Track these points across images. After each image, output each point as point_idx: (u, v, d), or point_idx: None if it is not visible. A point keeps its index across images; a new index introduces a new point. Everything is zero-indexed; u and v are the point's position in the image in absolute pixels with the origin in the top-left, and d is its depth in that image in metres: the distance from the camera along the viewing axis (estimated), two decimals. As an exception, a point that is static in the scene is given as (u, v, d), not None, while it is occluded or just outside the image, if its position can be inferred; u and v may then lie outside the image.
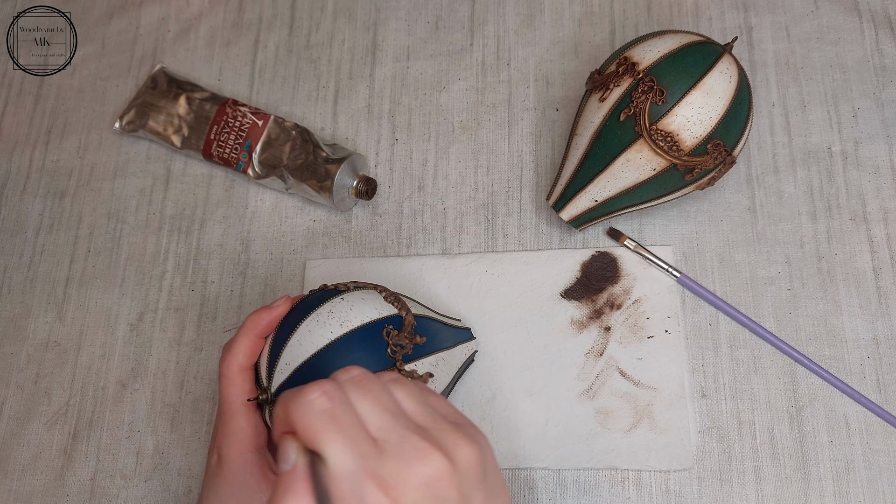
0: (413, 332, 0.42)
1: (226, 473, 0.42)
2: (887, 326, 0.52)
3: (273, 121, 0.59)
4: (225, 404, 0.43)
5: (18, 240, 0.63)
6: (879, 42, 0.59)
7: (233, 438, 0.42)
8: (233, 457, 0.42)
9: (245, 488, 0.42)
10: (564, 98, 0.61)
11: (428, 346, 0.43)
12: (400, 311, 0.43)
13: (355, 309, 0.42)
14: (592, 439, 0.51)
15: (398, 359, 0.41)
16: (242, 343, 0.43)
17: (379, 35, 0.65)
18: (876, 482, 0.48)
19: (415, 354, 0.42)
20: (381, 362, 0.41)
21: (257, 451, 0.43)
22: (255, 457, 0.42)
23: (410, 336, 0.42)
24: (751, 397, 0.51)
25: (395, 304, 0.43)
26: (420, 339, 0.42)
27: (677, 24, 0.62)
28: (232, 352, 0.43)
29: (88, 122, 0.66)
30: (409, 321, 0.42)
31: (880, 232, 0.54)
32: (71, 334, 0.59)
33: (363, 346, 0.41)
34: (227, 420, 0.43)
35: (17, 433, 0.56)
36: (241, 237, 0.60)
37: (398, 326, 0.42)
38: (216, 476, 0.43)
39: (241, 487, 0.42)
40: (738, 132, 0.49)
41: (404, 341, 0.41)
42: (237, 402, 0.43)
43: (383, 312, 0.42)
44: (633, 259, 0.55)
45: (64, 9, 0.70)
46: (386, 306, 0.43)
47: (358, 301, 0.43)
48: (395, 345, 0.41)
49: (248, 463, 0.42)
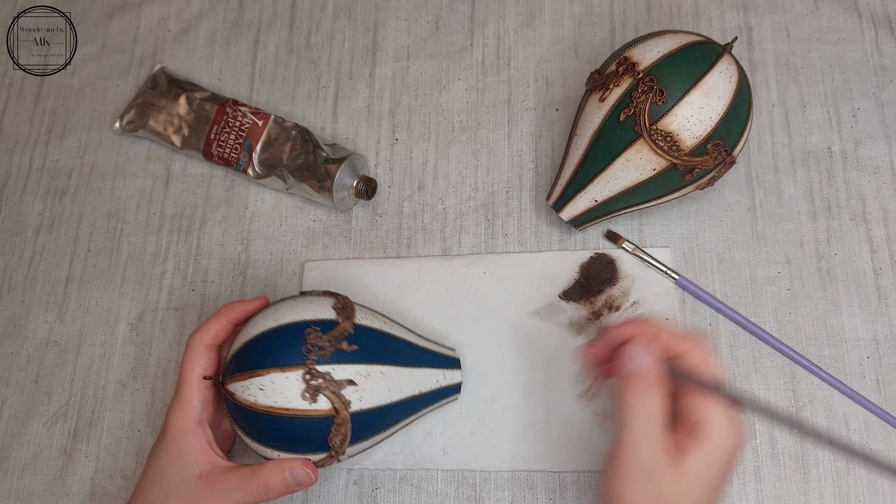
0: (341, 339, 0.44)
1: (167, 440, 0.46)
2: (887, 326, 0.52)
3: (273, 121, 0.59)
4: (181, 375, 0.47)
5: (18, 239, 0.63)
6: (879, 42, 0.59)
7: (179, 408, 0.46)
8: (176, 424, 0.45)
9: (181, 456, 0.45)
10: (564, 98, 0.61)
11: (362, 356, 0.44)
12: (337, 318, 0.45)
13: (294, 310, 0.45)
14: (591, 441, 0.51)
15: (311, 358, 0.43)
16: (212, 324, 0.47)
17: (379, 35, 0.65)
18: (876, 482, 0.48)
19: (339, 359, 0.43)
20: (296, 358, 0.43)
21: (199, 423, 0.46)
22: (195, 428, 0.46)
23: (334, 341, 0.44)
24: (751, 397, 0.51)
25: (340, 312, 0.45)
26: (349, 346, 0.44)
27: (677, 24, 0.61)
28: (201, 328, 0.47)
29: (88, 122, 0.66)
30: (343, 329, 0.44)
31: (880, 232, 0.54)
32: (71, 334, 0.59)
33: (284, 341, 0.44)
34: (178, 391, 0.46)
35: (17, 433, 0.57)
36: (241, 237, 0.60)
37: (326, 330, 0.44)
38: (160, 443, 0.46)
39: (179, 455, 0.45)
40: (738, 132, 0.49)
41: (324, 343, 0.43)
42: (191, 375, 0.46)
43: (319, 316, 0.45)
44: (631, 261, 0.55)
45: (64, 9, 0.70)
46: (327, 312, 0.45)
47: (303, 304, 0.46)
48: (312, 345, 0.43)
49: (188, 433, 0.45)
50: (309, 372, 0.42)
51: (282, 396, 0.42)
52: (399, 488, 0.52)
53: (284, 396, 0.42)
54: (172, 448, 0.45)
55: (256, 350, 0.44)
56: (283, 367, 0.43)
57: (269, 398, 0.43)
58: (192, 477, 0.45)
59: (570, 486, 0.50)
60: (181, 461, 0.45)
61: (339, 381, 0.43)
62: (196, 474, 0.45)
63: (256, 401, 0.43)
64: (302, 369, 0.42)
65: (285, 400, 0.42)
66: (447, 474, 0.52)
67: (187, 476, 0.45)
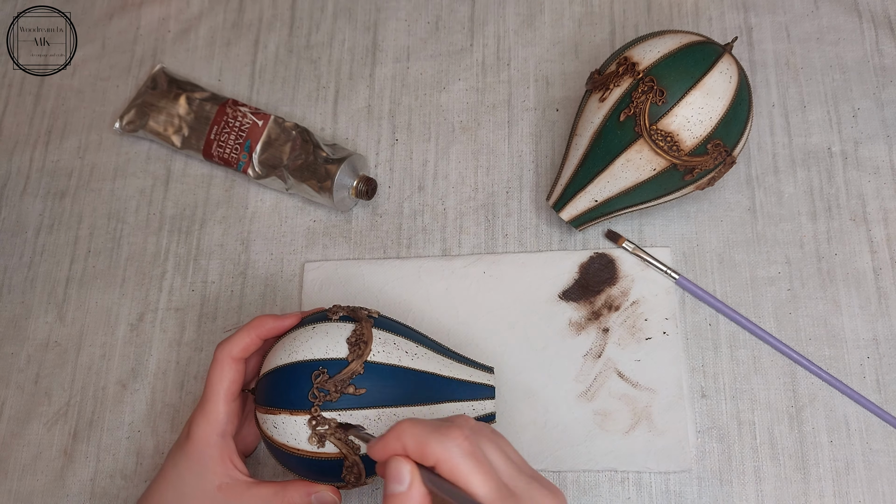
0: (348, 383, 0.42)
1: (189, 449, 0.46)
2: (887, 326, 0.52)
3: (273, 121, 0.59)
4: (208, 386, 0.46)
5: (18, 240, 0.63)
6: (879, 42, 0.59)
7: (205, 419, 0.46)
8: (200, 435, 0.45)
9: (202, 465, 0.45)
10: (564, 98, 0.61)
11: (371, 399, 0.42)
12: (348, 357, 0.43)
13: (307, 344, 0.44)
14: (591, 441, 0.51)
15: (316, 404, 0.42)
16: (242, 337, 0.46)
17: (379, 35, 0.65)
18: (876, 482, 0.48)
19: (345, 405, 0.42)
20: (302, 402, 0.42)
21: (222, 436, 0.46)
22: (219, 440, 0.46)
23: (341, 384, 0.42)
24: (751, 397, 0.51)
25: (353, 349, 0.43)
26: (357, 390, 0.42)
27: (677, 25, 0.61)
28: (230, 340, 0.46)
29: (88, 122, 0.66)
30: (352, 370, 0.43)
31: (880, 232, 0.54)
32: (71, 334, 0.59)
33: (293, 382, 0.43)
34: (204, 401, 0.46)
35: (17, 433, 0.57)
36: (241, 237, 0.60)
37: (336, 371, 0.42)
38: (180, 450, 0.46)
39: (199, 464, 0.45)
40: (738, 132, 0.49)
41: (330, 388, 0.42)
42: (218, 388, 0.46)
43: (329, 354, 0.43)
44: (631, 260, 0.55)
45: (64, 9, 0.70)
46: (339, 349, 0.43)
47: (318, 337, 0.44)
48: (318, 389, 0.42)
49: (211, 444, 0.45)
50: (314, 418, 0.42)
51: (292, 438, 0.42)
52: (399, 488, 0.52)
53: (294, 438, 0.42)
54: (193, 456, 0.45)
55: (271, 386, 0.44)
56: (291, 410, 0.42)
57: (282, 437, 0.43)
58: (212, 487, 0.45)
59: (570, 485, 0.50)
60: (202, 471, 0.45)
61: (345, 427, 0.42)
62: (216, 485, 0.45)
63: (273, 436, 0.43)
64: (307, 415, 0.42)
65: (295, 441, 0.42)
66: (447, 474, 0.52)
67: (206, 486, 0.45)
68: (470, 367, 0.48)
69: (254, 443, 0.52)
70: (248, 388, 0.49)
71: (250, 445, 0.51)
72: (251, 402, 0.50)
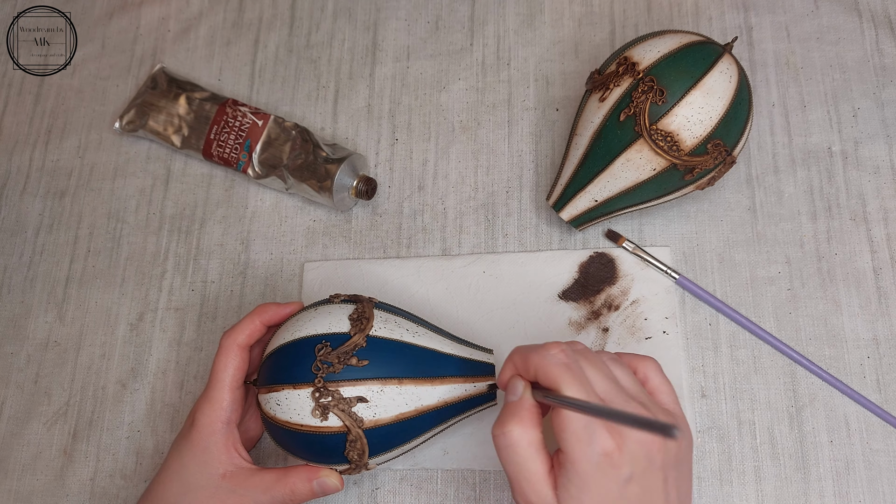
0: (351, 355, 0.43)
1: (193, 437, 0.46)
2: (887, 326, 0.52)
3: (273, 121, 0.59)
4: (213, 374, 0.46)
5: (18, 240, 0.63)
6: (879, 42, 0.59)
7: (210, 407, 0.46)
8: (204, 423, 0.46)
9: (206, 453, 0.45)
10: (564, 98, 0.61)
11: (374, 371, 0.43)
12: (350, 331, 0.44)
13: (310, 322, 0.45)
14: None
15: (320, 376, 0.42)
16: (246, 324, 0.47)
17: (379, 35, 0.65)
18: (876, 482, 0.48)
19: (348, 376, 0.43)
20: (306, 375, 0.43)
21: (227, 424, 0.46)
22: (223, 428, 0.46)
23: (344, 357, 0.43)
24: (751, 397, 0.51)
25: (355, 324, 0.44)
26: (360, 362, 0.43)
27: (677, 24, 0.61)
28: (235, 328, 0.47)
29: (88, 122, 0.66)
30: (354, 343, 0.43)
31: (880, 232, 0.54)
32: (71, 334, 0.59)
33: (296, 357, 0.43)
34: (209, 389, 0.46)
35: (17, 433, 0.57)
36: (241, 237, 0.60)
37: (338, 344, 0.43)
38: (185, 438, 0.46)
39: (203, 452, 0.45)
40: (738, 132, 0.49)
41: (333, 360, 0.43)
42: (223, 375, 0.46)
43: (332, 329, 0.44)
44: (630, 260, 0.55)
45: (64, 9, 0.70)
46: (342, 324, 0.44)
47: (321, 315, 0.45)
48: (321, 361, 0.43)
49: (215, 432, 0.45)
50: (318, 390, 0.42)
51: (295, 413, 0.43)
52: (399, 488, 0.52)
53: (297, 413, 0.43)
54: (198, 445, 0.46)
55: (274, 364, 0.44)
56: (294, 385, 0.43)
57: (285, 414, 0.43)
58: (216, 475, 0.45)
59: (571, 486, 0.50)
60: (206, 459, 0.45)
61: (349, 399, 0.42)
62: (220, 473, 0.45)
63: (275, 415, 0.43)
64: (311, 387, 0.42)
65: (298, 416, 0.43)
66: (447, 474, 0.52)
67: (211, 474, 0.45)
68: (470, 348, 0.48)
69: (256, 436, 0.51)
70: (249, 380, 0.49)
71: (253, 438, 0.51)
72: (253, 395, 0.50)
